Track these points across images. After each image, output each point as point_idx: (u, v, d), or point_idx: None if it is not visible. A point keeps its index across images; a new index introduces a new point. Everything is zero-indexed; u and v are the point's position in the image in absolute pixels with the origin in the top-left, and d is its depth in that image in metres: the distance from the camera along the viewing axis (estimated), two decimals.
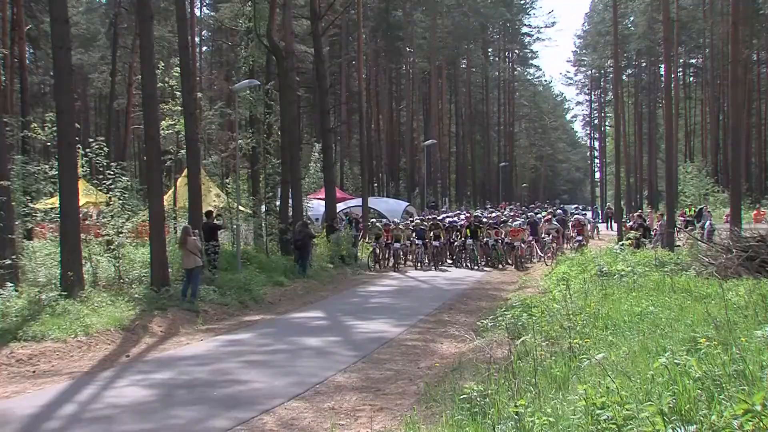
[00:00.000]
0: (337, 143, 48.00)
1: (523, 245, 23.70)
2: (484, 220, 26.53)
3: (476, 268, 23.32)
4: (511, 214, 34.79)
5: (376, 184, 48.46)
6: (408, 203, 40.37)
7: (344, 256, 23.22)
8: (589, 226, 29.99)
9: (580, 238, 24.59)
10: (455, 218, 29.22)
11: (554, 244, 23.81)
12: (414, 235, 24.42)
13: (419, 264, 23.96)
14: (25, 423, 6.82)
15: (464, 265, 23.95)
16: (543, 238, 24.32)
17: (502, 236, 24.19)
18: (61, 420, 6.91)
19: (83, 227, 14.56)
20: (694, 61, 65.01)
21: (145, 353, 10.50)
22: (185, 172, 20.30)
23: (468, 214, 30.78)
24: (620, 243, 18.41)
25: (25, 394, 8.04)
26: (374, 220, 27.60)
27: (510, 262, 23.86)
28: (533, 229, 25.06)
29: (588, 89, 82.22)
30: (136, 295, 13.62)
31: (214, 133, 26.36)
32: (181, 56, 18.23)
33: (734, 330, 6.27)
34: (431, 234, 24.10)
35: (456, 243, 24.67)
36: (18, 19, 23.75)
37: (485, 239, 23.93)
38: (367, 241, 23.83)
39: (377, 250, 23.79)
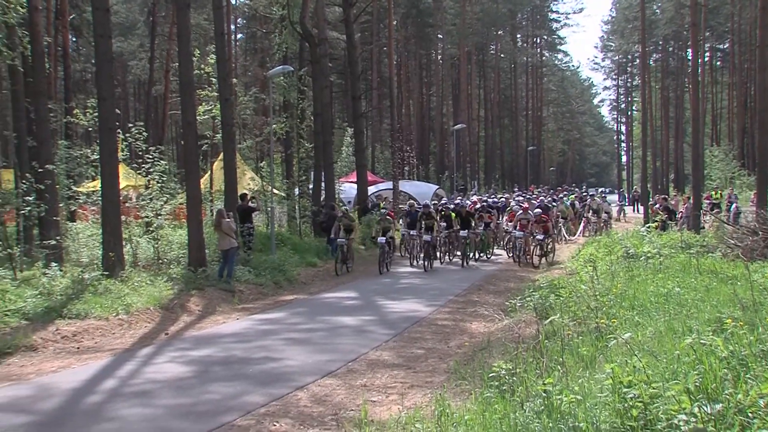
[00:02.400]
0: (368, 128, 48.05)
1: (521, 234, 19.63)
2: (491, 202, 24.90)
3: (449, 262, 20.03)
4: (540, 197, 31.90)
5: (406, 168, 48.51)
6: (438, 186, 40.35)
7: (375, 238, 23.24)
8: (609, 214, 27.82)
9: (541, 237, 19.02)
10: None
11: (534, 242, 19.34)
12: (408, 220, 20.53)
13: (412, 259, 19.62)
14: (70, 396, 7.05)
15: (444, 260, 20.27)
16: (512, 233, 20.01)
17: (497, 221, 21.42)
18: (103, 394, 7.11)
19: (123, 210, 14.96)
20: (721, 45, 63.46)
21: (183, 331, 10.76)
22: (221, 156, 20.71)
23: (474, 199, 26.68)
24: (646, 225, 18.27)
25: (70, 369, 8.29)
26: (346, 208, 22.25)
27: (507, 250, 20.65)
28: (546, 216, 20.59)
29: (615, 74, 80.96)
30: (174, 275, 13.95)
31: (248, 118, 26.79)
32: (217, 43, 18.49)
33: (760, 310, 6.27)
34: (423, 225, 19.17)
35: (443, 234, 20.03)
36: (62, 8, 24.24)
37: (476, 228, 20.50)
38: (339, 237, 18.49)
39: (345, 249, 18.25)
